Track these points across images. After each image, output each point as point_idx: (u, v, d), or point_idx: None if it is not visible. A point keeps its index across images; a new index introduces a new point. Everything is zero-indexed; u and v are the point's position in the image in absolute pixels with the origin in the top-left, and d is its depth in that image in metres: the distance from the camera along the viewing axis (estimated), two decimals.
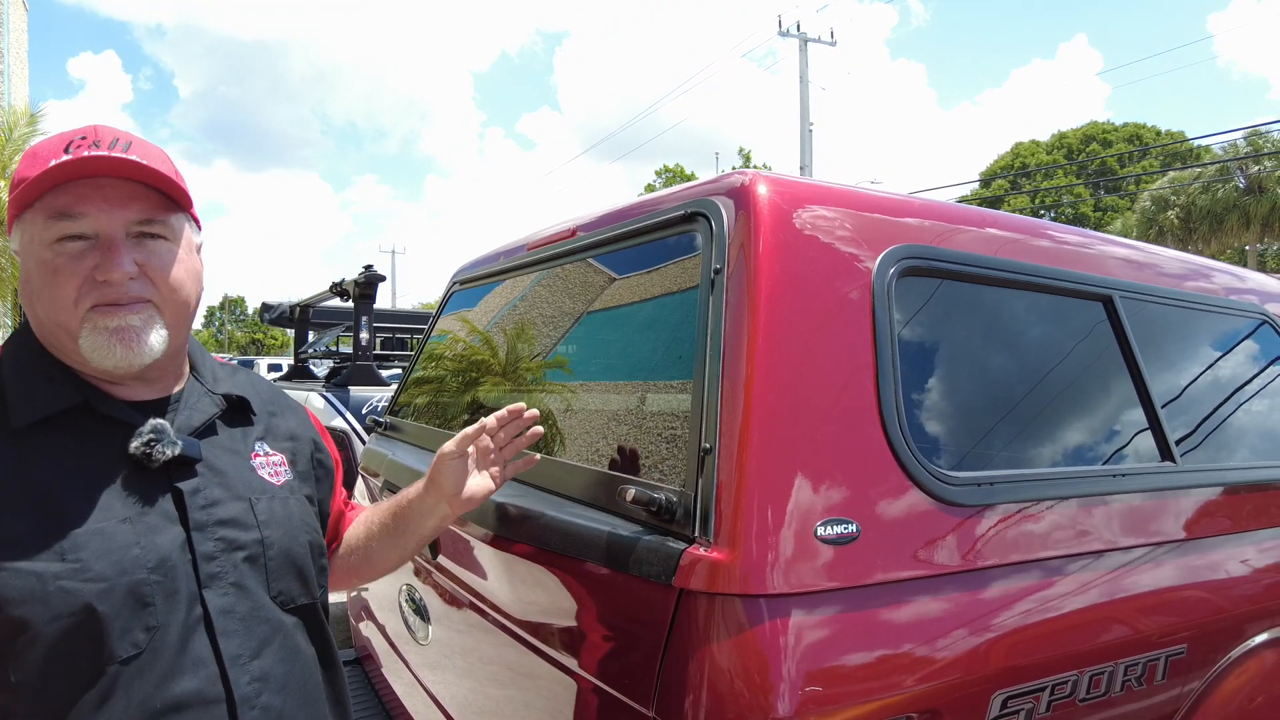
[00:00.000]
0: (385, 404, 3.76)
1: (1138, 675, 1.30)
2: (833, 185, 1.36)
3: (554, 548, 1.31)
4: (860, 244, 1.27)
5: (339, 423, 4.09)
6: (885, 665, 1.06)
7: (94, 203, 0.93)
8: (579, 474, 1.41)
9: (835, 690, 1.01)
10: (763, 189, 1.24)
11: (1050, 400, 1.49)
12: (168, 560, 0.92)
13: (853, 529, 1.08)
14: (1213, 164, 25.87)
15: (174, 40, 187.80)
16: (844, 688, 1.02)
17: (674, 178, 39.09)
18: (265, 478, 1.07)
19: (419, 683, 1.87)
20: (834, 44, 21.03)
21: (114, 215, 0.95)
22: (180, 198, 1.00)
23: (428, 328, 2.66)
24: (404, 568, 1.98)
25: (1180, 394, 1.71)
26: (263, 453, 1.10)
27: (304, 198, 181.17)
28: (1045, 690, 1.18)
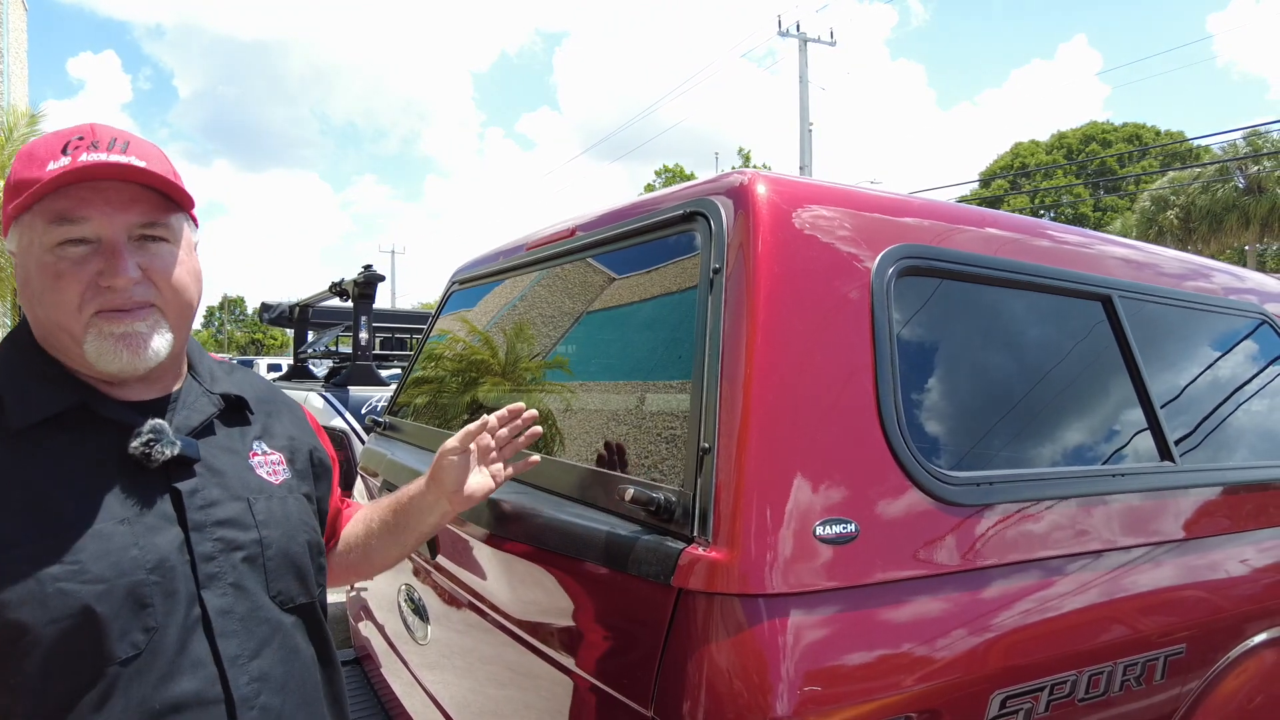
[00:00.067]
0: (384, 404, 3.76)
1: (1137, 675, 1.30)
2: (832, 185, 1.36)
3: (553, 547, 1.31)
4: (859, 244, 1.27)
5: (338, 422, 4.09)
6: (884, 665, 1.06)
7: (96, 206, 0.92)
8: (578, 473, 1.41)
9: (834, 690, 1.01)
10: (762, 189, 1.24)
11: (1049, 400, 1.49)
12: (166, 561, 0.91)
13: (852, 529, 1.08)
14: (1212, 164, 25.89)
15: (173, 40, 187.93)
16: (843, 687, 1.02)
17: (674, 178, 39.10)
18: (264, 477, 1.07)
19: (418, 682, 1.87)
20: (834, 44, 21.05)
21: (116, 219, 0.94)
22: (180, 198, 0.99)
23: (427, 328, 2.66)
24: (403, 567, 1.98)
25: (1179, 394, 1.71)
26: (260, 452, 1.09)
27: (304, 198, 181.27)
28: (1044, 690, 1.18)
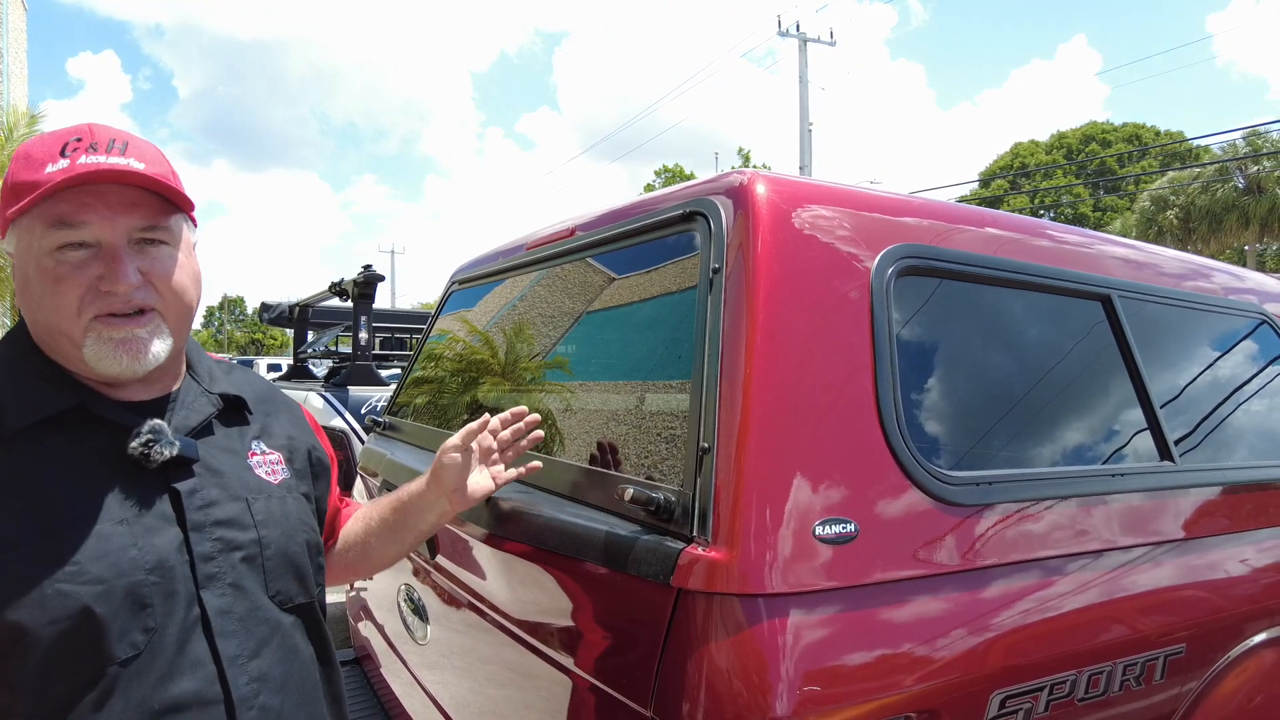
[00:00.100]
0: (384, 404, 3.76)
1: (1136, 675, 1.30)
2: (831, 185, 1.36)
3: (552, 547, 1.31)
4: (859, 243, 1.27)
5: (338, 422, 4.09)
6: (884, 665, 1.06)
7: (96, 210, 0.92)
8: (578, 473, 1.41)
9: (834, 690, 1.01)
10: (761, 188, 1.24)
11: (1049, 400, 1.49)
12: (165, 561, 0.91)
13: (851, 528, 1.08)
14: (1212, 164, 25.89)
15: (173, 40, 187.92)
16: (842, 687, 1.02)
17: (673, 177, 39.10)
18: (262, 477, 1.07)
19: (417, 682, 1.87)
20: (833, 44, 21.05)
21: (116, 223, 0.93)
22: (180, 200, 0.99)
23: (427, 327, 2.66)
24: (403, 567, 1.98)
25: (1179, 394, 1.71)
26: (259, 451, 1.09)
27: (303, 197, 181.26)
28: (1044, 690, 1.18)
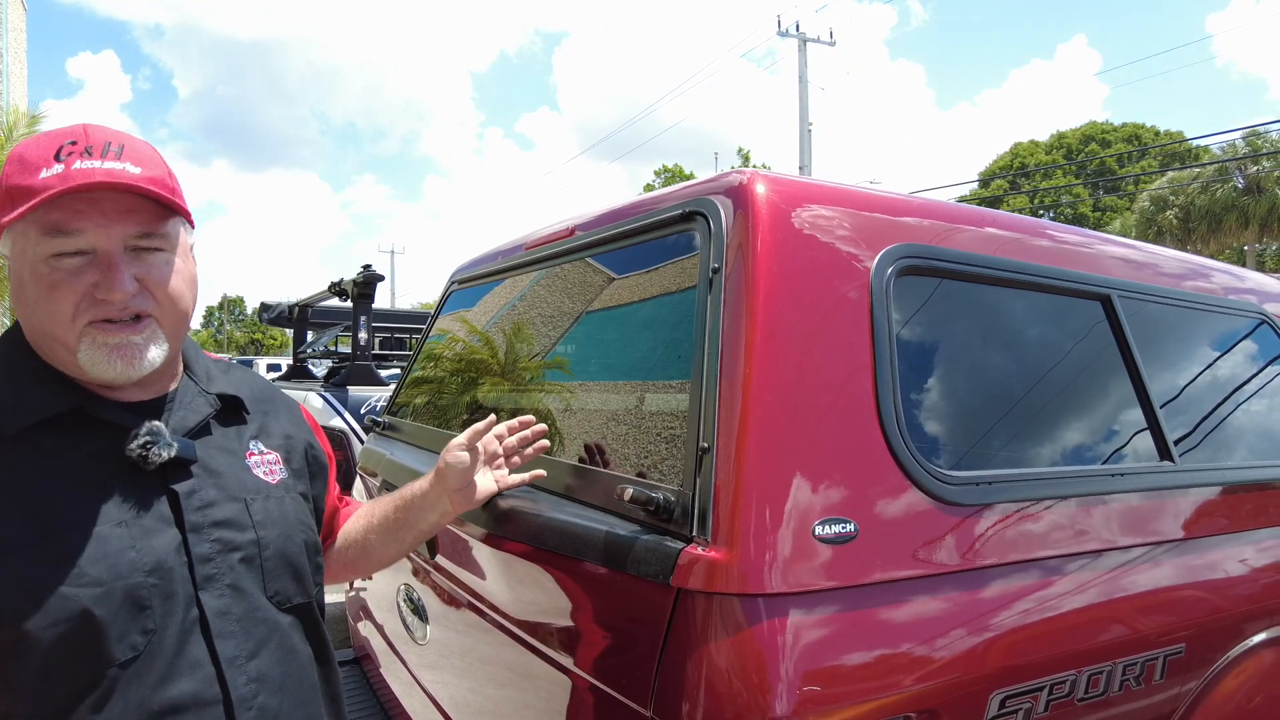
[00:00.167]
0: (383, 404, 3.76)
1: (1136, 675, 1.30)
2: (831, 184, 1.36)
3: (552, 547, 1.31)
4: (858, 243, 1.27)
5: (337, 422, 4.09)
6: (883, 665, 1.06)
7: (91, 218, 0.91)
8: (577, 473, 1.41)
9: (833, 690, 1.01)
10: (761, 188, 1.23)
11: (1048, 400, 1.49)
12: (164, 563, 0.91)
13: (851, 528, 1.08)
14: (1211, 164, 25.90)
15: (173, 40, 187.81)
16: (842, 687, 1.02)
17: (673, 177, 39.08)
18: (260, 477, 1.07)
19: (417, 683, 1.87)
20: (833, 44, 21.05)
21: (112, 230, 0.92)
22: (176, 207, 0.97)
23: (426, 327, 2.66)
24: (402, 567, 1.98)
25: (1179, 393, 1.71)
26: (257, 451, 1.09)
27: (303, 197, 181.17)
28: (1043, 690, 1.18)
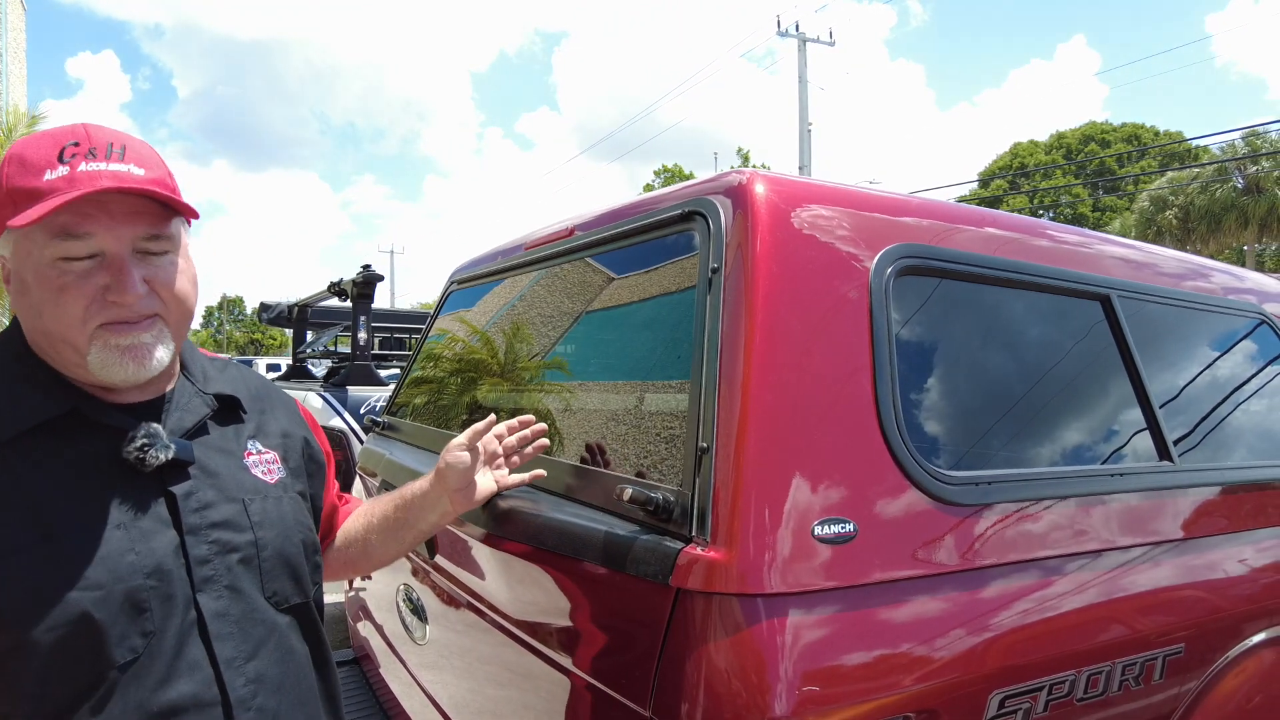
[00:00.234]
0: (383, 404, 3.76)
1: (1135, 675, 1.30)
2: (830, 184, 1.35)
3: (551, 547, 1.31)
4: (858, 243, 1.27)
5: (337, 422, 4.09)
6: (883, 665, 1.06)
7: (99, 221, 0.90)
8: (577, 473, 1.41)
9: (832, 690, 1.01)
10: (760, 188, 1.23)
11: (1048, 400, 1.49)
12: (163, 565, 0.91)
13: (850, 528, 1.08)
14: (1211, 164, 25.91)
15: (172, 40, 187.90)
16: (841, 687, 1.02)
17: (672, 177, 39.09)
18: (259, 476, 1.06)
19: (416, 683, 1.87)
20: (833, 44, 21.05)
21: (120, 233, 0.92)
22: (182, 209, 0.97)
23: (425, 327, 2.66)
24: (402, 567, 1.98)
25: (1178, 394, 1.71)
26: (255, 451, 1.09)
27: (303, 197, 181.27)
28: (1043, 690, 1.18)
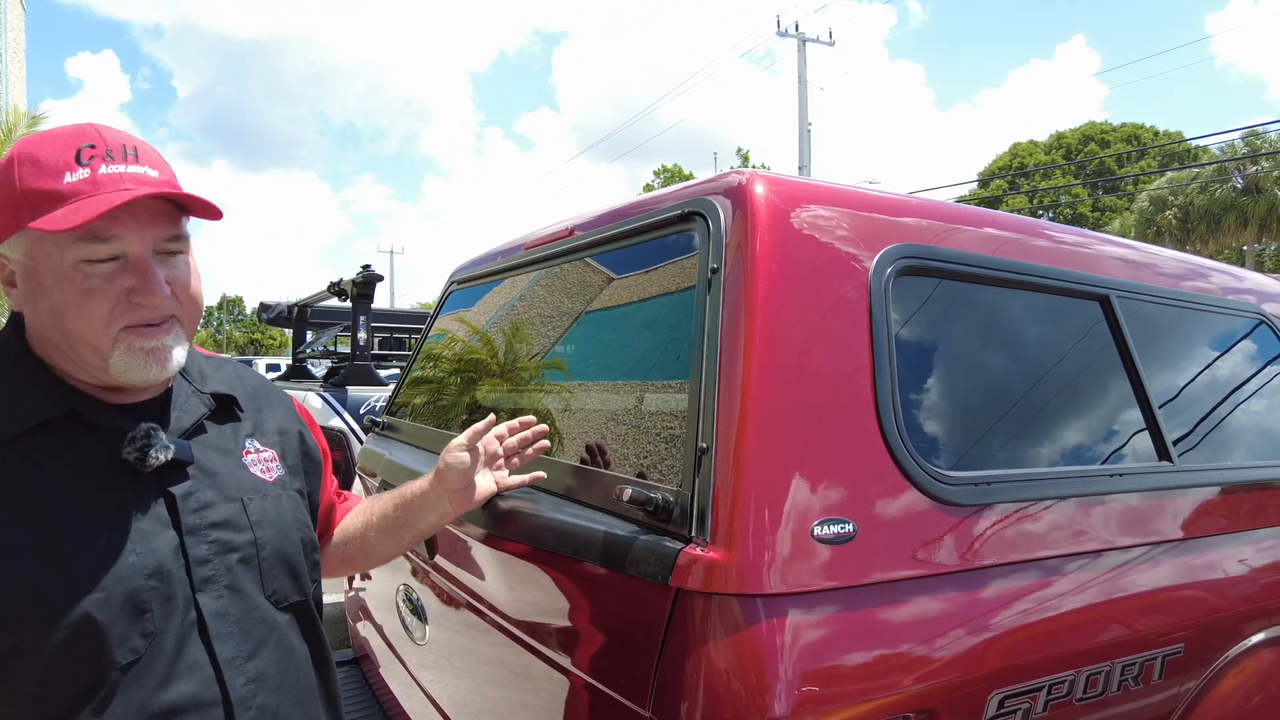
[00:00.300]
0: (383, 404, 3.76)
1: (1135, 675, 1.30)
2: (830, 185, 1.36)
3: (551, 547, 1.31)
4: (858, 243, 1.27)
5: (336, 422, 4.09)
6: (882, 665, 1.06)
7: (125, 224, 0.90)
8: (576, 473, 1.41)
9: (832, 690, 1.01)
10: (760, 188, 1.23)
11: (1047, 400, 1.49)
12: (163, 566, 0.91)
13: (850, 529, 1.08)
14: (1210, 164, 25.92)
15: (172, 40, 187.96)
16: (841, 687, 1.02)
17: (672, 177, 39.09)
18: (257, 475, 1.06)
19: (416, 683, 1.87)
20: (832, 44, 21.05)
21: (144, 235, 0.92)
22: (207, 211, 0.97)
23: (425, 327, 2.66)
24: (401, 568, 1.98)
25: (1177, 394, 1.72)
26: (254, 449, 1.09)
27: (302, 197, 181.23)
28: (1042, 690, 1.18)
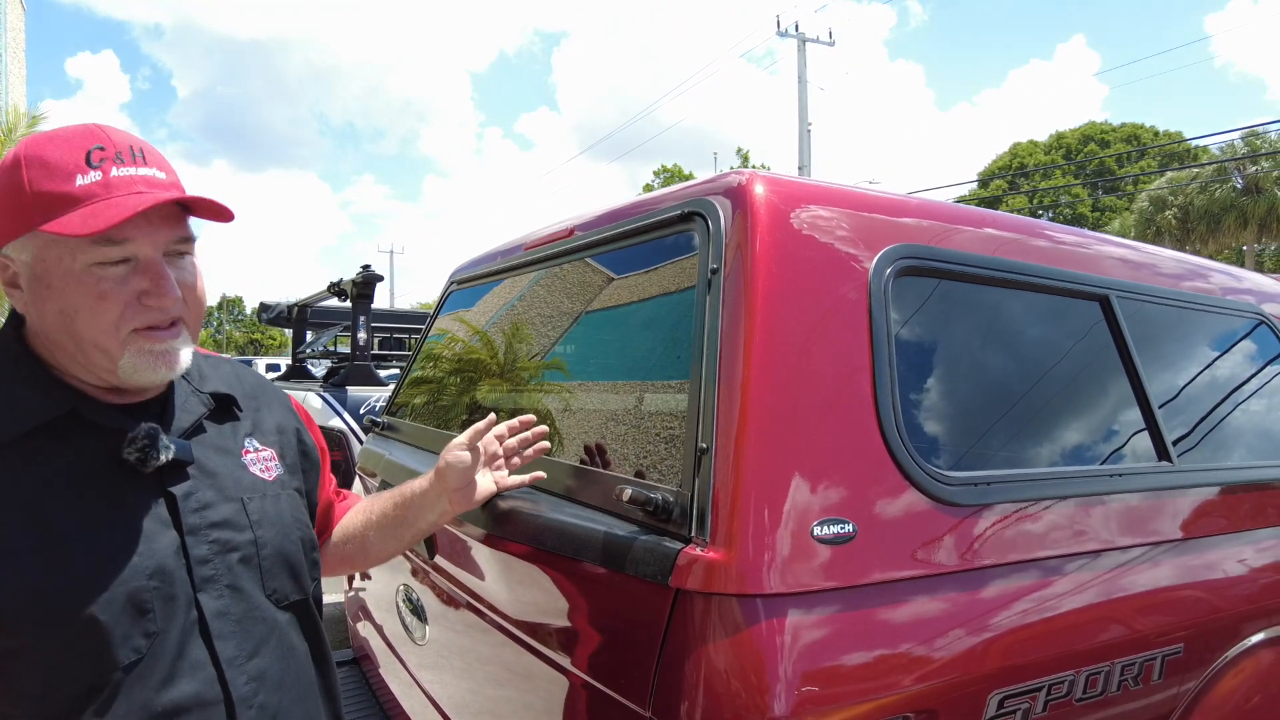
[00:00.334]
0: (382, 404, 3.76)
1: (1134, 675, 1.30)
2: (830, 185, 1.36)
3: (551, 548, 1.31)
4: (857, 244, 1.27)
5: (336, 422, 4.09)
6: (882, 665, 1.06)
7: (138, 227, 0.91)
8: (576, 474, 1.41)
9: (832, 690, 1.01)
10: (759, 189, 1.24)
11: (1047, 400, 1.49)
12: (165, 566, 0.91)
13: (849, 529, 1.08)
14: (1210, 164, 25.93)
15: (172, 40, 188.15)
16: (840, 688, 1.02)
17: (672, 178, 39.09)
18: (257, 474, 1.06)
19: (416, 683, 1.87)
20: (832, 44, 21.05)
21: (156, 238, 0.92)
22: (205, 211, 0.97)
23: (425, 328, 2.66)
24: (401, 568, 1.98)
25: (1177, 394, 1.72)
26: (253, 449, 1.09)
27: (302, 197, 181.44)
28: (1042, 690, 1.18)
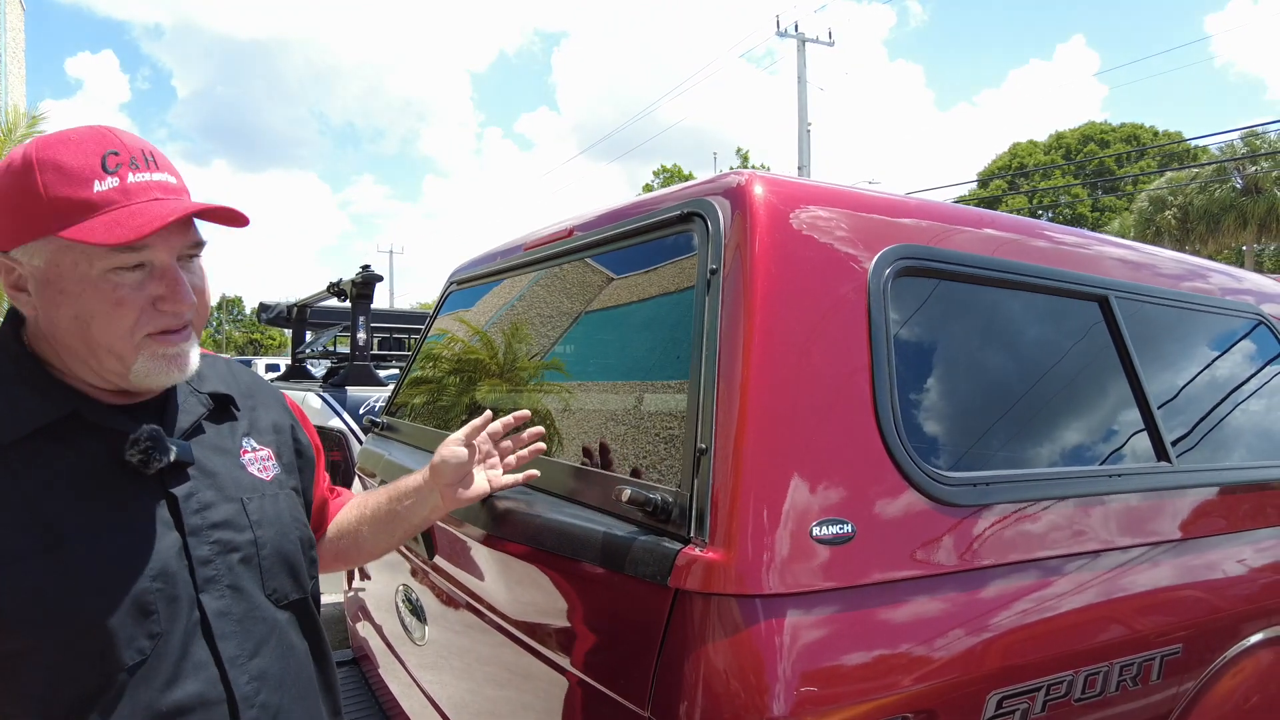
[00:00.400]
0: (382, 404, 3.76)
1: (1133, 675, 1.30)
2: (829, 185, 1.36)
3: (550, 548, 1.31)
4: (856, 244, 1.27)
5: (336, 423, 4.09)
6: (881, 665, 1.06)
7: (158, 234, 0.91)
8: (575, 474, 1.41)
9: (831, 690, 1.01)
10: (759, 189, 1.24)
11: (1046, 400, 1.49)
12: (168, 568, 0.91)
13: (848, 529, 1.08)
14: (1210, 164, 25.94)
15: (172, 40, 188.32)
16: (839, 688, 1.02)
17: (672, 178, 39.08)
18: (255, 474, 1.07)
19: (416, 683, 1.87)
20: (832, 44, 21.05)
21: (172, 243, 0.93)
22: (239, 221, 0.98)
23: (425, 328, 2.66)
24: (401, 568, 1.98)
25: (1176, 394, 1.72)
26: (251, 448, 1.09)
27: (302, 197, 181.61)
28: (1041, 690, 1.18)
